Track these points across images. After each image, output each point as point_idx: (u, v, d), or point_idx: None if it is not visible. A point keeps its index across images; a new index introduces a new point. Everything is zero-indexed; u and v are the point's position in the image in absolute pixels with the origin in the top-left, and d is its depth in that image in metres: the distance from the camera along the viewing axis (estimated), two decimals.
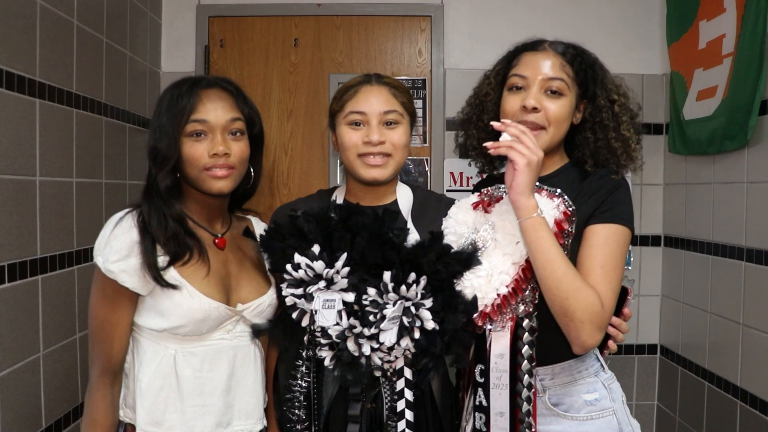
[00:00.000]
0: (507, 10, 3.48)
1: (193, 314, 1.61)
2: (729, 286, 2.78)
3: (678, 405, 3.29)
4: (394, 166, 1.80)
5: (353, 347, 1.60)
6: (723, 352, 2.84)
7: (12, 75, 2.04)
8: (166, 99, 1.68)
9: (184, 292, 1.60)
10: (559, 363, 1.67)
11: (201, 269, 1.65)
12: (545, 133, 1.69)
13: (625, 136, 1.72)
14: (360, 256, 1.60)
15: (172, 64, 3.47)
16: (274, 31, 3.50)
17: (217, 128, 1.66)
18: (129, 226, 1.60)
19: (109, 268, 1.56)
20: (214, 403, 1.67)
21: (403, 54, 3.53)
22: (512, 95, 1.74)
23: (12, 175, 2.06)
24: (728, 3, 2.67)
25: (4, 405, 2.02)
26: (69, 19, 2.43)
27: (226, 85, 1.72)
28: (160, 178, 1.65)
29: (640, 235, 3.50)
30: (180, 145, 1.65)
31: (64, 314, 2.40)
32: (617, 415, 1.65)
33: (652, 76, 3.46)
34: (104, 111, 2.74)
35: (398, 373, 1.67)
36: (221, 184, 1.66)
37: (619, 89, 1.77)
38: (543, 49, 1.75)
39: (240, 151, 1.69)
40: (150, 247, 1.58)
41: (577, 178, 1.72)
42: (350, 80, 1.87)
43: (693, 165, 3.14)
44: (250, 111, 1.75)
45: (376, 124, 1.77)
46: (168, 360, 1.63)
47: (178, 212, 1.67)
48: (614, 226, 1.61)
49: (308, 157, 3.53)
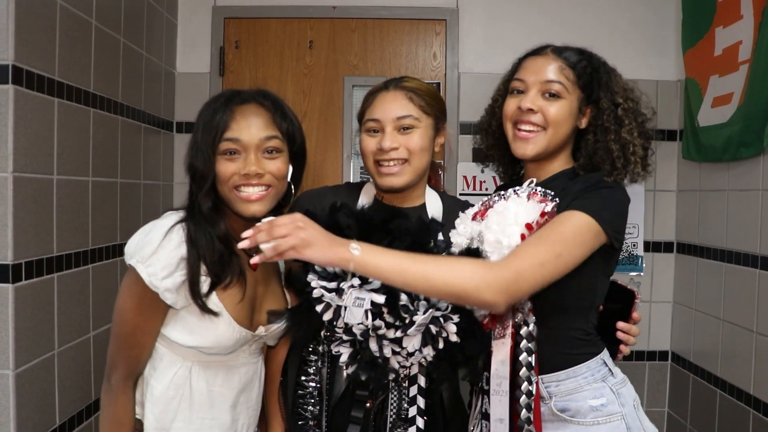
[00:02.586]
0: (521, 15, 3.48)
1: (224, 341, 1.62)
2: (742, 293, 2.77)
3: (689, 412, 3.27)
4: (411, 171, 1.78)
5: (375, 348, 1.59)
6: (735, 360, 2.83)
7: (32, 74, 2.06)
8: (203, 115, 1.64)
9: (222, 320, 1.60)
10: (563, 370, 1.65)
11: (237, 294, 1.63)
12: (544, 134, 1.69)
13: (625, 139, 1.69)
14: None
15: (188, 65, 3.49)
16: (289, 33, 3.51)
17: (250, 147, 1.60)
18: (179, 241, 1.55)
19: (155, 283, 1.52)
20: (221, 417, 1.68)
21: (417, 57, 3.53)
22: (512, 98, 1.75)
23: (31, 174, 2.07)
24: (745, 10, 2.67)
25: (19, 402, 2.03)
26: (88, 19, 2.44)
27: (262, 100, 1.66)
28: (202, 200, 1.60)
29: (652, 241, 3.49)
30: (214, 163, 1.60)
31: (79, 312, 2.41)
32: (626, 419, 1.62)
33: (666, 82, 3.46)
34: (120, 111, 2.75)
35: (412, 379, 1.67)
36: (254, 209, 1.61)
37: (628, 93, 1.76)
38: (544, 54, 1.76)
39: (276, 169, 1.63)
40: (196, 267, 1.55)
41: (569, 179, 1.71)
42: (374, 86, 1.87)
43: (707, 172, 3.13)
44: (290, 126, 1.68)
45: (390, 130, 1.76)
46: (184, 372, 1.64)
47: (224, 232, 1.62)
48: (575, 212, 1.56)
49: (322, 159, 3.53)
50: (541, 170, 1.77)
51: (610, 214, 1.60)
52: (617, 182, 1.68)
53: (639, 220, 3.47)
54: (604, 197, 1.61)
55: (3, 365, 1.99)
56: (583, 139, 1.75)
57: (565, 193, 1.64)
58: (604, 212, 1.58)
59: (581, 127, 1.75)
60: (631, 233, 3.47)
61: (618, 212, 1.65)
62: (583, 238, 1.55)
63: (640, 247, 3.48)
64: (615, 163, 1.68)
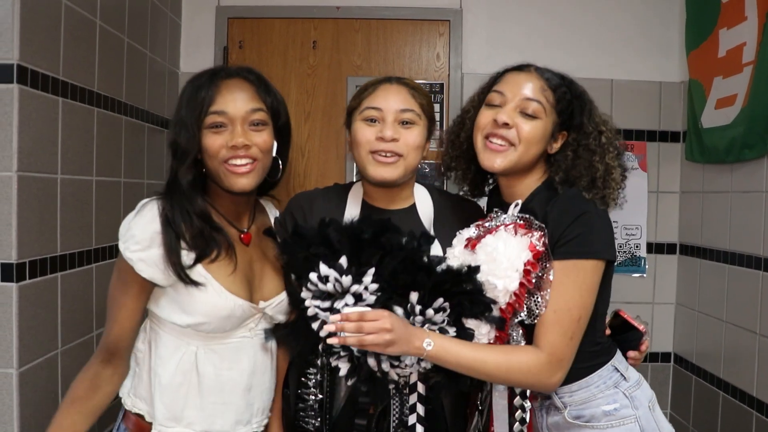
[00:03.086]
0: (524, 16, 3.48)
1: (217, 311, 1.60)
2: (745, 295, 2.77)
3: (691, 414, 3.27)
4: (404, 167, 1.76)
5: (373, 363, 1.59)
6: (738, 362, 2.83)
7: (36, 73, 2.06)
8: (187, 91, 1.64)
9: (210, 289, 1.59)
10: (575, 382, 1.68)
11: (228, 266, 1.63)
12: (513, 150, 1.68)
13: (609, 164, 1.69)
14: (390, 275, 1.56)
15: (191, 65, 3.49)
16: (293, 33, 3.52)
17: (236, 119, 1.61)
18: (152, 216, 1.57)
19: (128, 255, 1.54)
20: (234, 401, 1.66)
21: (421, 58, 3.53)
22: (488, 110, 1.73)
23: (35, 173, 2.08)
24: (749, 11, 2.66)
25: (23, 401, 2.03)
26: (92, 18, 2.45)
27: (246, 74, 1.67)
28: (181, 174, 1.61)
29: (655, 243, 3.49)
30: (200, 138, 1.60)
31: (83, 311, 2.41)
32: (640, 421, 1.64)
33: (669, 83, 3.46)
34: (124, 110, 2.76)
35: (411, 387, 1.68)
36: (243, 182, 1.62)
37: (607, 124, 1.75)
38: (528, 71, 1.74)
39: (263, 141, 1.64)
40: (173, 242, 1.55)
41: (547, 198, 1.68)
42: (371, 80, 1.86)
43: (710, 173, 3.13)
44: (274, 101, 1.70)
45: (391, 121, 1.75)
46: (189, 356, 1.63)
47: (202, 208, 1.62)
48: (569, 262, 1.59)
49: (325, 159, 3.53)
50: (516, 186, 1.76)
51: (603, 239, 1.63)
52: (593, 201, 1.65)
53: (642, 221, 3.47)
54: (592, 224, 1.61)
55: (7, 364, 1.99)
56: (561, 155, 1.72)
57: (549, 217, 1.63)
58: (598, 243, 1.61)
59: (551, 152, 1.74)
60: (634, 234, 3.47)
61: (606, 229, 1.65)
62: (590, 283, 1.61)
63: (643, 249, 3.48)
64: (596, 182, 1.66)
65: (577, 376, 1.67)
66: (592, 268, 1.60)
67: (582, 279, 1.59)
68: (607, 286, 1.70)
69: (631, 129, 3.44)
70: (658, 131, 3.47)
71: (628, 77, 3.45)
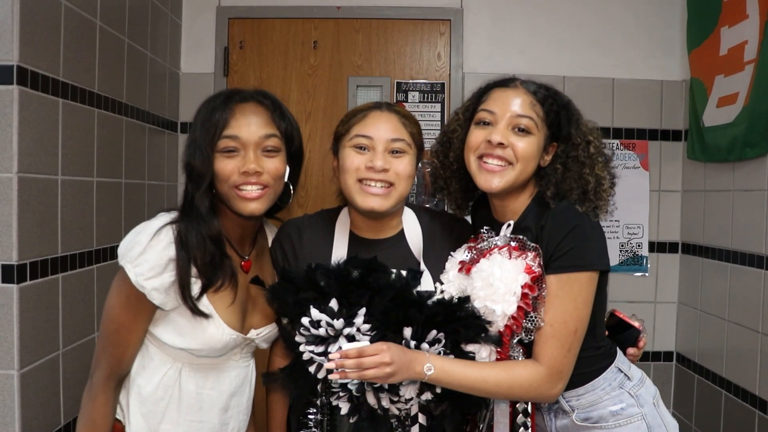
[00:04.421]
0: (525, 15, 3.48)
1: (214, 343, 1.61)
2: (747, 294, 2.76)
3: (694, 413, 3.26)
4: (396, 197, 1.73)
5: (373, 401, 1.60)
6: (741, 361, 2.82)
7: (37, 74, 2.06)
8: (202, 112, 1.63)
9: (211, 323, 1.59)
10: (582, 386, 1.70)
11: (228, 296, 1.62)
12: (512, 169, 1.67)
13: (599, 175, 1.68)
14: (382, 314, 1.56)
15: (192, 65, 3.49)
16: (293, 34, 3.51)
17: (249, 145, 1.60)
18: (167, 242, 1.55)
19: (141, 283, 1.52)
20: (210, 420, 1.68)
21: (422, 57, 3.53)
22: (479, 129, 1.72)
23: (35, 174, 2.08)
24: (751, 9, 2.66)
25: (24, 402, 2.03)
26: (92, 19, 2.44)
27: (262, 99, 1.67)
28: (199, 200, 1.59)
29: (657, 242, 3.48)
30: (213, 161, 1.59)
31: (84, 313, 2.41)
32: (646, 419, 1.67)
33: (671, 82, 3.45)
34: (125, 111, 2.76)
35: (413, 419, 1.68)
36: (253, 206, 1.61)
37: (594, 133, 1.74)
38: (514, 87, 1.73)
39: (274, 168, 1.63)
40: (185, 268, 1.54)
41: (539, 215, 1.68)
42: (360, 105, 1.83)
43: (712, 172, 3.12)
44: (288, 126, 1.69)
45: (381, 150, 1.71)
46: (174, 372, 1.63)
47: (218, 233, 1.61)
48: (563, 275, 1.60)
49: (326, 159, 3.51)
50: (511, 205, 1.75)
51: (597, 250, 1.64)
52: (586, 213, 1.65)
53: (644, 220, 3.46)
54: (585, 236, 1.62)
55: (8, 365, 1.99)
56: (550, 168, 1.72)
57: (541, 234, 1.63)
58: (591, 255, 1.62)
59: (543, 165, 1.73)
60: (636, 234, 3.46)
61: (599, 240, 1.66)
62: (585, 295, 1.62)
63: (644, 248, 3.47)
64: (588, 194, 1.66)
65: (584, 381, 1.69)
66: (587, 280, 1.61)
67: (577, 291, 1.60)
68: (602, 293, 1.70)
69: (633, 128, 3.44)
70: (659, 130, 3.46)
71: (630, 76, 3.45)
